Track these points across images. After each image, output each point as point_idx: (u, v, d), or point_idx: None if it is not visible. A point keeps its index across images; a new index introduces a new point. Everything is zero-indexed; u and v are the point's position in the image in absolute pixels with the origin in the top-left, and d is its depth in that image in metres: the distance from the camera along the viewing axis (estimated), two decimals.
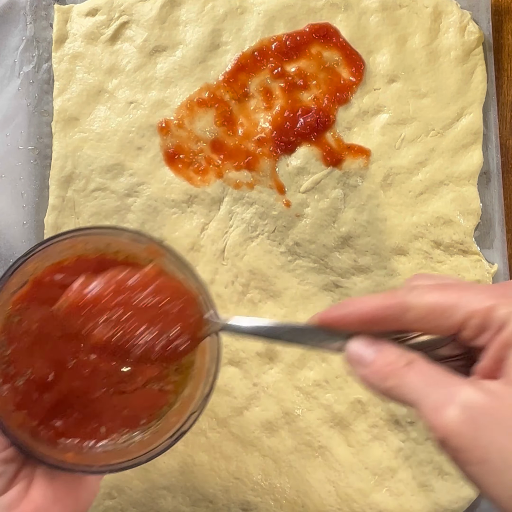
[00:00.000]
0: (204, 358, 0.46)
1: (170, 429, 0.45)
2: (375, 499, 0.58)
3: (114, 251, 0.47)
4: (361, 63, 0.60)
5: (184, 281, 0.45)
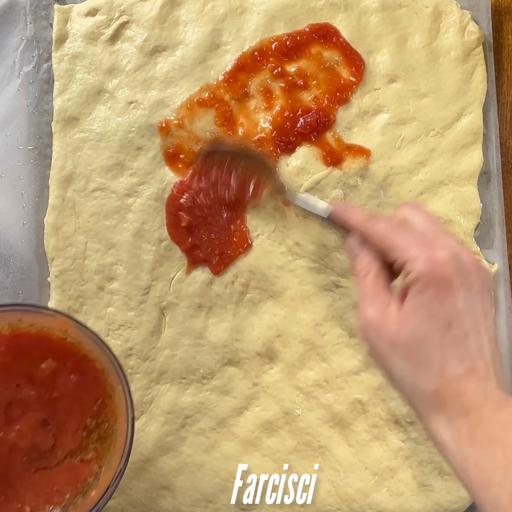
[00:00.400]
0: (122, 432, 0.47)
1: (89, 504, 0.46)
2: (375, 499, 0.58)
3: (28, 324, 0.48)
4: (361, 63, 0.60)
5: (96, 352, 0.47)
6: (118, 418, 0.48)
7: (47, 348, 0.48)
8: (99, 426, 0.48)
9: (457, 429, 0.40)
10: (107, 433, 0.48)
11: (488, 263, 0.59)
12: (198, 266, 0.60)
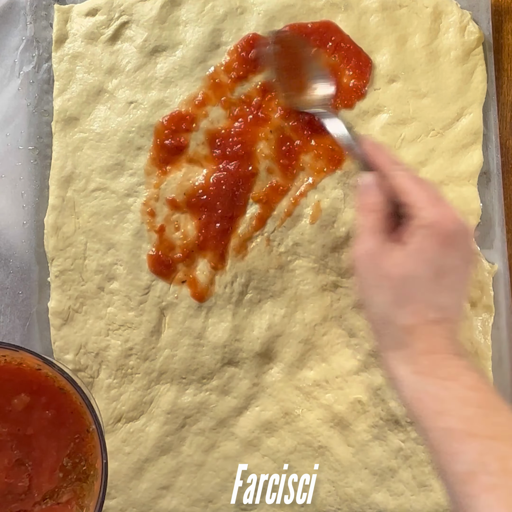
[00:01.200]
0: (95, 471, 0.46)
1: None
2: (375, 499, 0.58)
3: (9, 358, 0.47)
4: (368, 62, 0.60)
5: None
6: (98, 458, 0.46)
7: (20, 380, 0.46)
8: (77, 466, 0.46)
9: (421, 365, 0.44)
10: (87, 472, 0.47)
11: (488, 263, 0.59)
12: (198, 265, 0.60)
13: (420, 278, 0.45)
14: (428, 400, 0.42)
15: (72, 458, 0.47)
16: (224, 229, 0.59)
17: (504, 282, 0.60)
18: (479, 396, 0.42)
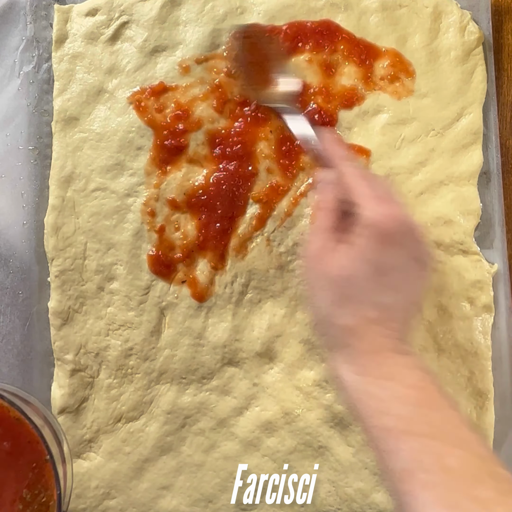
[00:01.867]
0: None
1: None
2: (375, 499, 0.58)
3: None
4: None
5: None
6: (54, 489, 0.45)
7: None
8: (37, 497, 0.45)
9: (362, 365, 0.44)
10: (47, 503, 0.46)
11: (488, 263, 0.59)
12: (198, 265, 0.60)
13: (361, 278, 0.45)
14: (368, 400, 0.43)
15: (31, 489, 0.46)
16: (224, 229, 0.59)
17: (504, 282, 0.60)
18: (419, 395, 0.42)
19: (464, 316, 0.59)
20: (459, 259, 0.59)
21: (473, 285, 0.59)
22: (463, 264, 0.59)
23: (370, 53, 0.60)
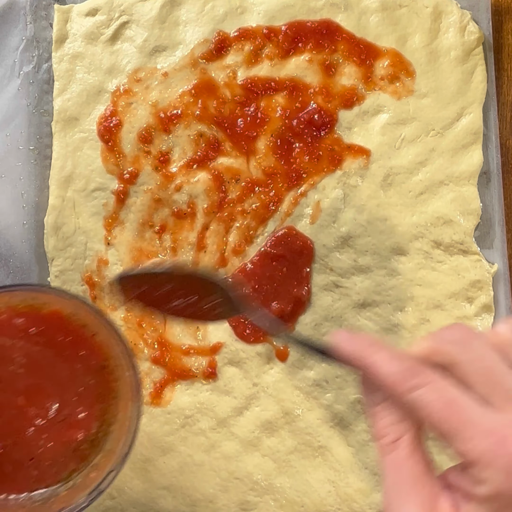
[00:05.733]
0: (125, 414, 0.46)
1: (89, 485, 0.45)
2: (375, 499, 0.58)
3: (42, 302, 0.48)
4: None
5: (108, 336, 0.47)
6: (121, 408, 0.47)
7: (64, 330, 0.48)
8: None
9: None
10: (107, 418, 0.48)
11: (488, 263, 0.59)
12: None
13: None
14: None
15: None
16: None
17: (504, 282, 0.60)
18: None
19: (464, 316, 0.59)
20: (459, 259, 0.59)
21: (473, 285, 0.59)
22: (463, 264, 0.59)
23: (370, 53, 0.60)
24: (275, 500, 0.59)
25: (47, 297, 0.47)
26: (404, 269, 0.59)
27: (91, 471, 0.47)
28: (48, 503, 0.45)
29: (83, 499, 0.44)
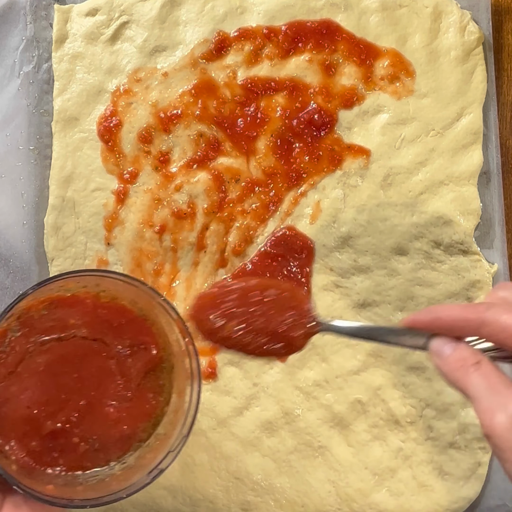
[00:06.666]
0: (181, 398, 0.48)
1: (147, 465, 0.46)
2: (375, 499, 0.58)
3: (102, 289, 0.49)
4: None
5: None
6: (176, 392, 0.49)
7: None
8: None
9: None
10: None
11: (488, 263, 0.59)
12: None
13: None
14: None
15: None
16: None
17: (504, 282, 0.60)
18: None
19: None
20: (459, 259, 0.59)
21: (473, 285, 0.59)
22: (463, 264, 0.59)
23: (370, 53, 0.60)
24: (275, 500, 0.59)
25: (108, 282, 0.48)
26: (404, 269, 0.59)
27: (146, 452, 0.48)
28: (106, 481, 0.47)
29: (144, 477, 0.45)
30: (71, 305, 0.48)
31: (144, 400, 0.49)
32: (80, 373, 0.47)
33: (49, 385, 0.47)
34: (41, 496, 0.42)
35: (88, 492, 0.45)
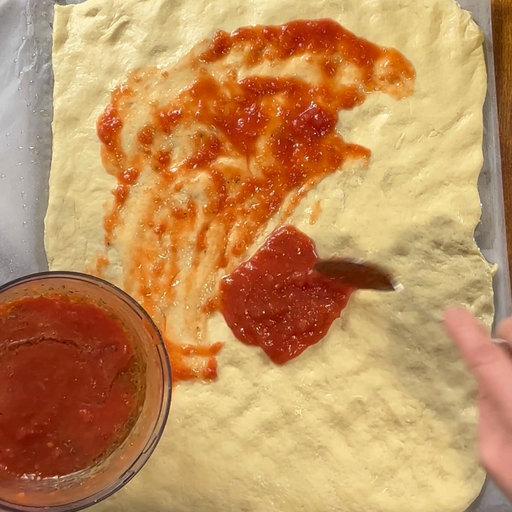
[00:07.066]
0: (154, 398, 0.48)
1: (120, 468, 0.46)
2: (375, 499, 0.58)
3: (69, 290, 0.49)
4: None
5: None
6: (148, 393, 0.50)
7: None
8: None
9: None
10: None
11: (488, 263, 0.59)
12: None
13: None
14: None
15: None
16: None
17: (504, 282, 0.60)
18: None
19: None
20: (459, 259, 0.59)
21: (473, 285, 0.59)
22: (463, 264, 0.59)
23: (370, 53, 0.60)
24: (275, 500, 0.59)
25: (73, 283, 0.48)
26: (404, 269, 0.59)
27: (120, 454, 0.48)
28: (80, 485, 0.47)
29: (116, 480, 0.45)
30: (39, 307, 0.48)
31: (118, 400, 0.49)
32: (52, 377, 0.47)
33: (21, 390, 0.46)
34: (11, 506, 0.41)
35: (60, 497, 0.45)
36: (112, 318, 0.49)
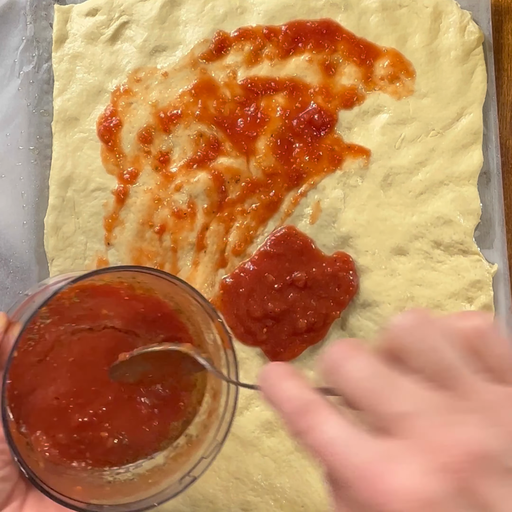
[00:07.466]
0: (216, 400, 0.46)
1: (178, 470, 0.44)
2: None
3: (137, 281, 0.47)
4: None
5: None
6: (209, 393, 0.48)
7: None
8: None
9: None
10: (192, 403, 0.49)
11: (488, 263, 0.59)
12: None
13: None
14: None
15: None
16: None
17: (504, 282, 0.60)
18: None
19: None
20: (459, 259, 0.59)
21: (473, 285, 0.59)
22: (463, 264, 0.59)
23: (370, 53, 0.60)
24: (275, 500, 0.59)
25: (144, 276, 0.46)
26: (404, 269, 0.59)
27: (177, 455, 0.46)
28: (134, 482, 0.45)
29: (176, 484, 0.42)
30: (104, 294, 0.46)
31: (175, 396, 0.47)
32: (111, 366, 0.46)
33: (79, 376, 0.45)
34: (68, 501, 0.39)
35: (116, 495, 0.43)
36: (176, 312, 0.48)
